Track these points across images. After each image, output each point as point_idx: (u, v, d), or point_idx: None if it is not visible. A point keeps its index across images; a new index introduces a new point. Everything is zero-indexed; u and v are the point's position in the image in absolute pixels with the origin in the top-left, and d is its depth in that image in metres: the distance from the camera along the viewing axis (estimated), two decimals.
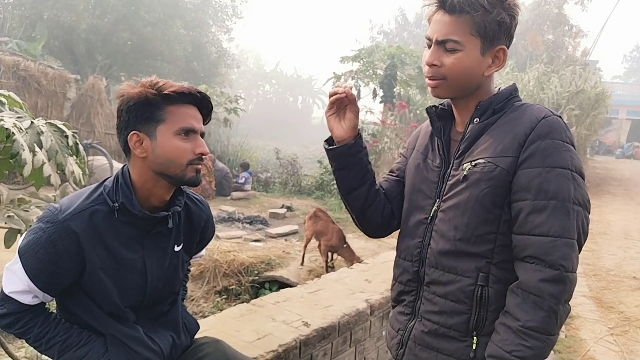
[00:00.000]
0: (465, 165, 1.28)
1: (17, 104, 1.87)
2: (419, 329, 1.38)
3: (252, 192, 11.67)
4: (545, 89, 14.60)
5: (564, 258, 1.14)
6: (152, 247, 1.45)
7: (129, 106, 1.35)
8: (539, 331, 1.14)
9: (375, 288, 3.18)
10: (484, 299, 1.25)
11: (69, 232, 1.31)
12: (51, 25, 15.83)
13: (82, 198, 1.37)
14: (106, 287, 1.38)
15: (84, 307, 1.42)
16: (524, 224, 1.18)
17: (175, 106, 1.36)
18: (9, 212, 1.68)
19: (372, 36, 33.01)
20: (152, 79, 1.38)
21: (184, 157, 1.36)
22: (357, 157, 1.45)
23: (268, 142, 26.22)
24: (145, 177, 1.39)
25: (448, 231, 1.30)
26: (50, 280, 1.33)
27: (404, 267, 1.45)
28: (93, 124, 12.47)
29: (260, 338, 2.29)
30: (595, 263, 6.64)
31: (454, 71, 1.25)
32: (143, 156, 1.37)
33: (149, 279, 1.44)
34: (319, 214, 6.01)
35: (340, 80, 14.22)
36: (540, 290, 1.14)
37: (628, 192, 14.09)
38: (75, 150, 1.85)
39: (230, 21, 21.66)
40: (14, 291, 1.34)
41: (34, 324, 1.38)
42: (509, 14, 1.23)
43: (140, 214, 1.37)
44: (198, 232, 1.61)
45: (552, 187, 1.16)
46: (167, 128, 1.35)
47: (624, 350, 3.93)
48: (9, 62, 10.59)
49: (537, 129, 1.19)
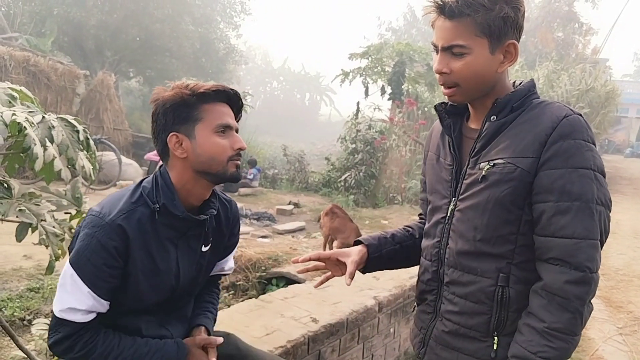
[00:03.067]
0: (482, 165, 1.26)
1: (29, 98, 1.87)
2: (440, 329, 1.37)
3: (259, 189, 11.68)
4: (555, 86, 14.51)
5: (588, 260, 1.13)
6: (184, 247, 1.46)
7: (165, 109, 1.37)
8: (565, 332, 1.13)
9: (383, 285, 3.18)
10: (504, 299, 1.24)
11: (118, 232, 1.31)
12: (61, 21, 15.89)
13: (123, 199, 1.37)
14: (140, 288, 1.38)
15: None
16: (548, 225, 1.17)
17: (210, 104, 1.38)
18: (20, 206, 1.68)
19: (380, 33, 32.89)
20: (183, 81, 1.40)
21: (224, 154, 1.38)
22: (385, 257, 1.55)
23: (275, 138, 26.20)
24: (186, 177, 1.40)
25: (467, 231, 1.28)
26: (108, 285, 1.33)
27: (425, 266, 1.45)
28: (102, 119, 12.53)
29: (269, 334, 2.30)
30: (604, 262, 6.56)
31: (465, 75, 1.23)
32: (184, 157, 1.38)
33: (181, 279, 1.46)
34: (336, 210, 5.83)
35: (349, 77, 14.19)
36: (566, 292, 1.13)
37: (637, 191, 13.95)
38: (86, 145, 1.85)
39: (239, 17, 21.66)
40: (70, 307, 1.30)
41: (94, 344, 1.34)
42: (513, 7, 1.19)
43: (183, 214, 1.38)
44: (227, 232, 1.61)
45: (576, 189, 1.14)
46: (205, 126, 1.37)
47: (633, 350, 3.91)
48: (19, 58, 10.64)
49: (559, 128, 1.17)
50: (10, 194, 1.71)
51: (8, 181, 1.74)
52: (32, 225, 1.67)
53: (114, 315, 1.41)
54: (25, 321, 3.56)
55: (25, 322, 3.54)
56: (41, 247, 1.69)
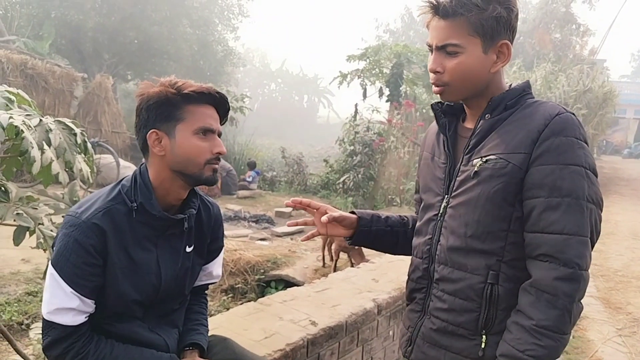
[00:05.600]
0: (475, 161, 1.27)
1: (26, 101, 1.86)
2: (428, 327, 1.37)
3: (257, 191, 11.67)
4: (552, 88, 14.55)
5: (578, 256, 1.13)
6: (165, 247, 1.45)
7: (148, 105, 1.37)
8: (553, 330, 1.12)
9: (382, 287, 3.17)
10: (493, 297, 1.24)
11: (95, 230, 1.31)
12: (58, 23, 15.88)
13: (101, 198, 1.37)
14: (121, 288, 1.37)
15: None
16: (538, 221, 1.17)
17: (194, 106, 1.38)
18: (18, 209, 1.67)
19: (378, 35, 32.96)
20: (171, 78, 1.39)
21: (202, 156, 1.38)
22: (373, 234, 1.54)
23: (274, 140, 26.20)
24: (163, 175, 1.40)
25: (458, 227, 1.29)
26: (90, 284, 1.32)
27: (415, 264, 1.45)
28: (100, 122, 12.52)
29: (268, 337, 2.28)
30: (603, 263, 6.59)
31: (458, 74, 1.25)
32: (161, 154, 1.38)
33: (163, 278, 1.44)
34: None
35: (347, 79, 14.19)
36: (555, 288, 1.13)
37: (635, 192, 13.98)
38: (83, 148, 1.84)
39: (237, 20, 21.67)
40: (57, 308, 1.30)
41: (86, 352, 1.34)
42: (506, 7, 1.22)
43: (159, 214, 1.38)
44: (209, 233, 1.60)
45: (567, 185, 1.15)
46: (185, 127, 1.36)
47: (633, 351, 3.90)
48: (17, 61, 10.64)
49: (551, 125, 1.18)
50: (8, 198, 1.70)
51: (5, 184, 1.73)
52: (29, 229, 1.67)
53: (105, 321, 1.41)
54: (24, 325, 3.55)
55: (23, 326, 3.53)
56: (39, 251, 1.69)
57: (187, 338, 1.58)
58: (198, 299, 1.73)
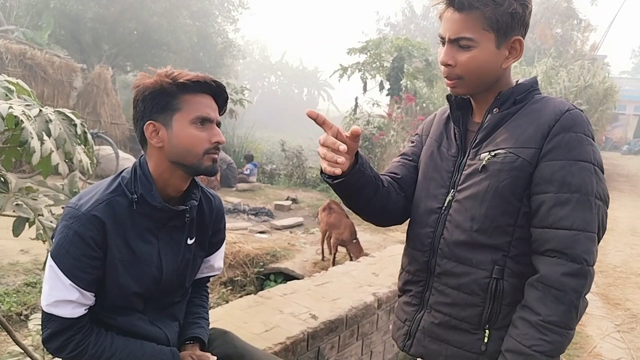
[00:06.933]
0: (483, 155, 1.26)
1: (26, 91, 1.84)
2: (429, 321, 1.36)
3: (257, 184, 11.66)
4: (553, 83, 14.51)
5: (586, 252, 1.13)
6: (167, 239, 1.44)
7: (144, 96, 1.35)
8: (560, 325, 1.12)
9: (382, 281, 3.17)
10: (498, 292, 1.24)
11: (94, 221, 1.29)
12: (57, 14, 15.78)
13: (101, 190, 1.36)
14: (122, 280, 1.36)
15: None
16: (547, 216, 1.17)
17: (190, 95, 1.35)
18: (17, 200, 1.66)
19: (378, 28, 32.78)
20: (168, 69, 1.37)
21: (200, 146, 1.35)
22: (362, 179, 1.33)
23: (273, 133, 26.16)
24: (162, 167, 1.38)
25: (464, 222, 1.28)
26: (90, 277, 1.31)
27: (412, 256, 1.43)
28: (99, 113, 12.48)
29: (268, 330, 2.28)
30: (602, 259, 6.59)
31: (470, 68, 1.24)
32: (159, 146, 1.36)
33: (164, 271, 1.43)
34: (333, 206, 5.91)
35: (347, 72, 14.14)
36: (563, 284, 1.12)
37: (635, 188, 13.98)
38: (83, 139, 1.83)
39: (236, 12, 21.55)
40: (56, 300, 1.29)
41: (85, 345, 1.33)
42: (521, 4, 1.21)
43: (160, 205, 1.36)
44: (210, 225, 1.59)
45: (576, 181, 1.15)
46: (182, 117, 1.34)
47: (631, 347, 3.91)
48: (16, 51, 10.58)
49: (561, 121, 1.18)
50: (7, 188, 1.69)
51: (5, 175, 1.71)
52: (29, 220, 1.66)
53: (105, 314, 1.40)
54: (22, 316, 3.55)
55: (22, 317, 3.53)
56: (38, 242, 1.68)
57: (188, 332, 1.57)
58: (199, 292, 1.72)
